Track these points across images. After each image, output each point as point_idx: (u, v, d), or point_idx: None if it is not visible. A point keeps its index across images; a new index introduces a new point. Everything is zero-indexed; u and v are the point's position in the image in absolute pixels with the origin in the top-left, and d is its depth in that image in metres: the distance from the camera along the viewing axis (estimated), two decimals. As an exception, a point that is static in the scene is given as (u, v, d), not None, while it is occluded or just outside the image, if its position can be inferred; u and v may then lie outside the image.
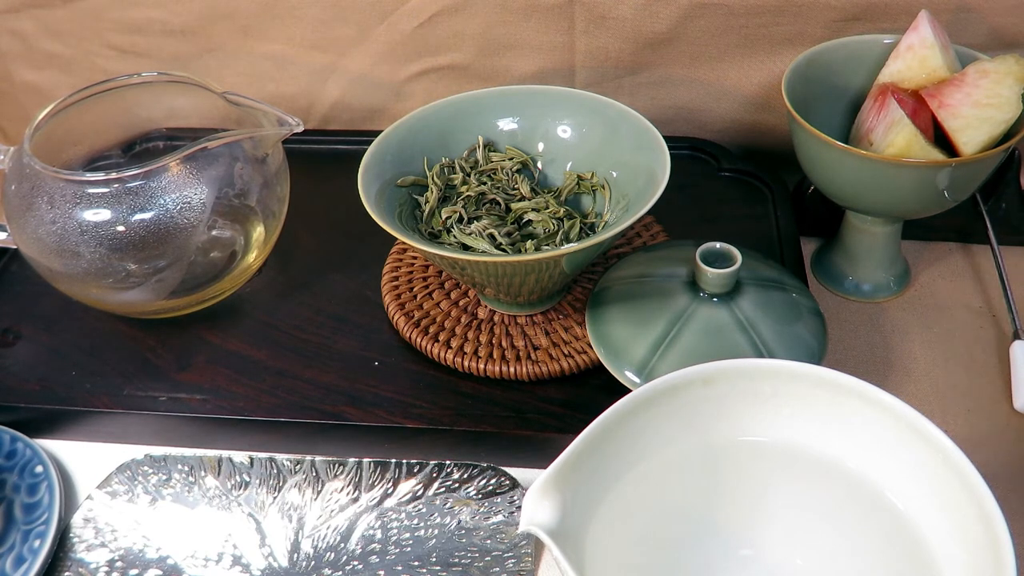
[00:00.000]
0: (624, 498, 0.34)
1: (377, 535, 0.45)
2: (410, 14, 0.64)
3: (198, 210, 0.50)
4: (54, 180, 0.48)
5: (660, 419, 0.34)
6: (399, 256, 0.57)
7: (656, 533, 0.36)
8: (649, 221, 0.58)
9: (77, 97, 0.53)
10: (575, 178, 0.52)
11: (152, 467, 0.49)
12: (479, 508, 0.46)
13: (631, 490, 0.35)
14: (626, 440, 0.34)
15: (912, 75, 0.50)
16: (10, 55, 0.72)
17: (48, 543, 0.45)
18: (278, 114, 0.51)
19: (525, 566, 0.43)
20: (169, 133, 0.59)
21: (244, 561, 0.45)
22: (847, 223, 0.56)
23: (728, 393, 0.35)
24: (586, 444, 0.32)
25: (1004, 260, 0.55)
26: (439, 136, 0.52)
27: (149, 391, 0.51)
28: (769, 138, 0.65)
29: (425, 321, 0.52)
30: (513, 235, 0.49)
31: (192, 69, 0.68)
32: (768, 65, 0.62)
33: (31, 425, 0.51)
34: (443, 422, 0.48)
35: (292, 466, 0.48)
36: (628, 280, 0.49)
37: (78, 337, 0.55)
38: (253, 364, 0.52)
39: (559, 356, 0.49)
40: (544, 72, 0.65)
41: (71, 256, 0.49)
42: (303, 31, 0.66)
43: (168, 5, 0.67)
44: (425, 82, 0.67)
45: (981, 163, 0.47)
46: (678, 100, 0.65)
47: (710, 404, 0.35)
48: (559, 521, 0.30)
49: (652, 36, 0.61)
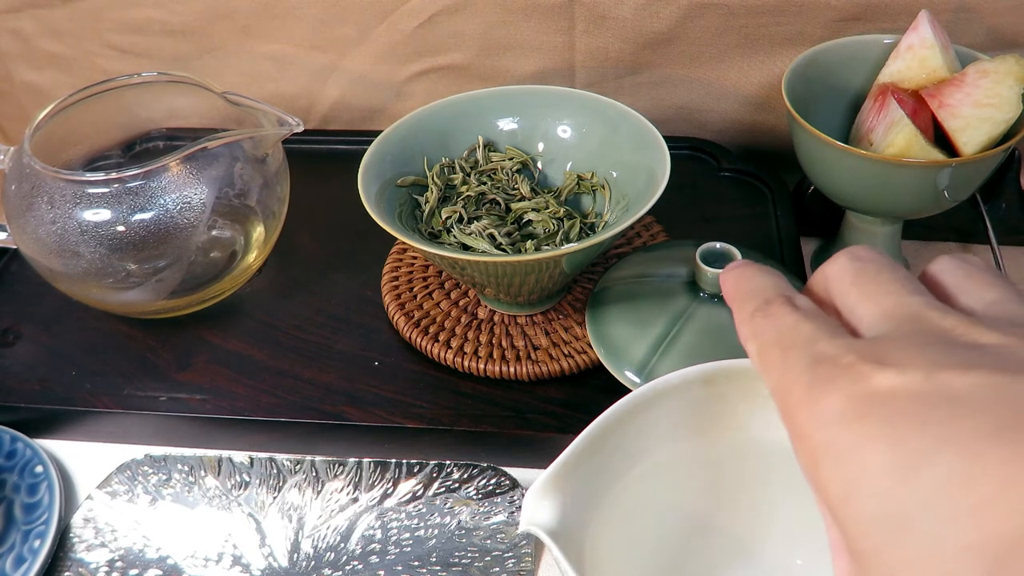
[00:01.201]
0: (624, 498, 0.34)
1: (377, 535, 0.45)
2: (410, 14, 0.64)
3: (198, 210, 0.50)
4: (54, 180, 0.48)
5: (660, 419, 0.34)
6: (399, 256, 0.57)
7: (656, 533, 0.36)
8: (649, 221, 0.58)
9: (77, 97, 0.53)
10: (575, 178, 0.52)
11: (152, 467, 0.49)
12: (479, 508, 0.46)
13: (631, 490, 0.35)
14: (626, 440, 0.34)
15: (912, 75, 0.50)
16: (10, 55, 0.72)
17: (48, 543, 0.45)
18: (278, 114, 0.51)
19: (525, 566, 0.43)
20: (169, 133, 0.59)
21: (244, 561, 0.45)
22: (847, 223, 0.56)
23: (728, 393, 0.35)
24: (586, 444, 0.32)
25: (1004, 260, 0.55)
26: (439, 136, 0.52)
27: (149, 391, 0.51)
28: (769, 138, 0.65)
29: (425, 321, 0.52)
30: (513, 235, 0.49)
31: (192, 69, 0.68)
32: (768, 65, 0.62)
33: (31, 425, 0.51)
34: (443, 422, 0.48)
35: (292, 466, 0.48)
36: (628, 280, 0.49)
37: (78, 337, 0.55)
38: (253, 364, 0.52)
39: (559, 356, 0.49)
40: (544, 72, 0.65)
41: (71, 256, 0.49)
42: (303, 31, 0.66)
43: (168, 5, 0.67)
44: (425, 82, 0.67)
45: (981, 163, 0.47)
46: (678, 100, 0.65)
47: (710, 404, 0.35)
48: (559, 521, 0.30)
49: (652, 36, 0.61)
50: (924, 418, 0.19)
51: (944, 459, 0.19)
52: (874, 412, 0.20)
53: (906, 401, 0.20)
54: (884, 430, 0.20)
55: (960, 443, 0.19)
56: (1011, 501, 0.17)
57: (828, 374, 0.22)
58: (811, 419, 0.21)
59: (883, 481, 0.19)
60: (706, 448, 0.36)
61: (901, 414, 0.20)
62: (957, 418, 0.19)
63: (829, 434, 0.21)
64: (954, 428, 0.19)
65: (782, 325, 0.24)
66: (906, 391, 0.20)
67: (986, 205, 0.57)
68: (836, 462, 0.21)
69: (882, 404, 0.20)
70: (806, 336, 0.23)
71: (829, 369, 0.22)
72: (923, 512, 0.19)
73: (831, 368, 0.22)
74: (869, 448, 0.20)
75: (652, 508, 0.36)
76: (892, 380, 0.20)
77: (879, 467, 0.19)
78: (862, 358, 0.21)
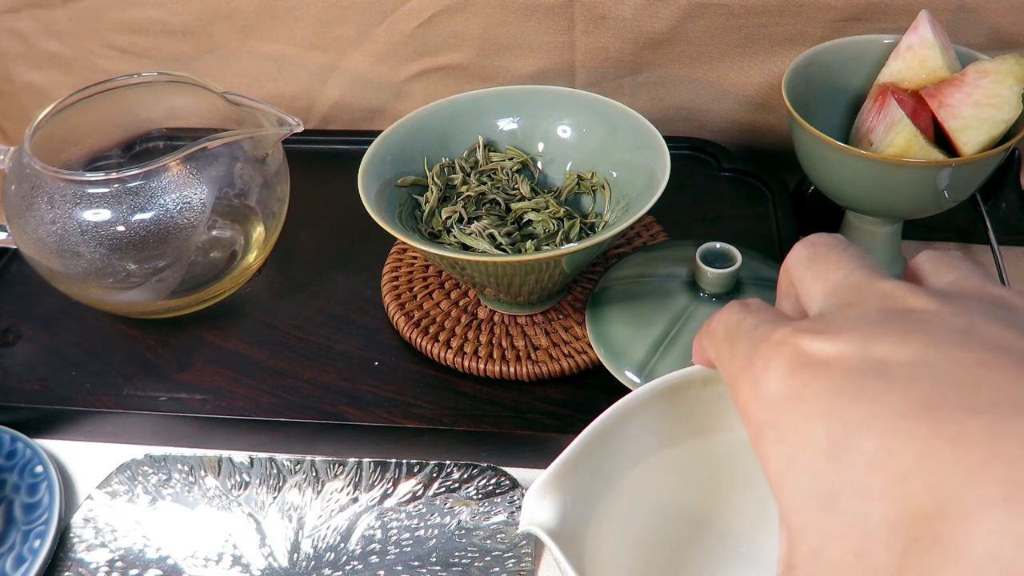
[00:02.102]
0: (624, 497, 0.34)
1: (377, 535, 0.45)
2: (410, 14, 0.64)
3: (198, 210, 0.50)
4: (54, 180, 0.48)
5: (660, 418, 0.34)
6: (399, 256, 0.57)
7: (657, 532, 0.36)
8: (649, 221, 0.58)
9: (77, 97, 0.53)
10: (575, 178, 0.52)
11: (152, 467, 0.49)
12: (479, 508, 0.46)
13: (631, 489, 0.35)
14: (626, 439, 0.34)
15: (912, 75, 0.50)
16: (10, 55, 0.72)
17: (48, 543, 0.45)
18: (278, 114, 0.51)
19: (525, 566, 0.43)
20: (169, 133, 0.59)
21: (244, 561, 0.45)
22: (847, 223, 0.56)
23: (727, 393, 0.35)
24: (586, 444, 0.32)
25: (1004, 260, 0.55)
26: (439, 136, 0.52)
27: (149, 391, 0.51)
28: (769, 138, 0.65)
29: (425, 321, 0.52)
30: (513, 235, 0.49)
31: (192, 69, 0.68)
32: (768, 65, 0.62)
33: (31, 425, 0.51)
34: (443, 422, 0.48)
35: (292, 466, 0.48)
36: (628, 280, 0.49)
37: (78, 337, 0.55)
38: (253, 364, 0.52)
39: (559, 356, 0.49)
40: (544, 72, 0.65)
41: (71, 256, 0.49)
42: (303, 31, 0.66)
43: (168, 5, 0.67)
44: (425, 82, 0.67)
45: (981, 163, 0.47)
46: (678, 100, 0.65)
47: (709, 403, 0.35)
48: (559, 521, 0.30)
49: (652, 36, 0.61)
50: (855, 394, 0.20)
51: (870, 436, 0.19)
52: (810, 389, 0.21)
53: (840, 375, 0.20)
54: (819, 407, 0.20)
55: (885, 419, 0.19)
56: (927, 476, 0.18)
57: (766, 354, 0.22)
58: (754, 400, 0.22)
59: (816, 459, 0.20)
60: (706, 447, 0.36)
61: (835, 391, 0.20)
62: (885, 393, 0.19)
63: (771, 414, 0.21)
64: (881, 404, 0.19)
65: (730, 322, 0.25)
66: (841, 363, 0.20)
67: (986, 205, 0.57)
68: (776, 440, 0.21)
69: (817, 378, 0.21)
70: (749, 326, 0.24)
71: (768, 349, 0.22)
72: (849, 489, 0.19)
73: (769, 347, 0.22)
74: (805, 426, 0.20)
75: (652, 507, 0.36)
76: (826, 349, 0.21)
77: (814, 445, 0.20)
78: (799, 332, 0.22)
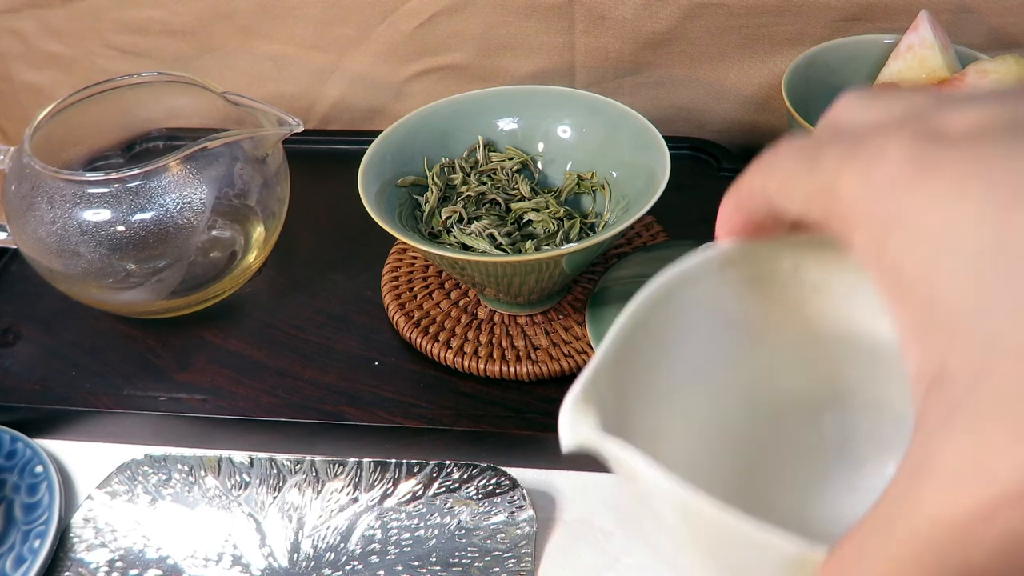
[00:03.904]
0: (677, 386, 0.31)
1: (377, 535, 0.45)
2: (410, 14, 0.64)
3: (198, 210, 0.50)
4: (54, 180, 0.48)
5: (685, 309, 0.31)
6: (399, 256, 0.57)
7: (707, 420, 0.33)
8: (649, 221, 0.58)
9: (77, 97, 0.53)
10: (575, 178, 0.52)
11: (152, 467, 0.49)
12: (479, 508, 0.46)
13: (683, 380, 0.31)
14: (656, 334, 0.31)
15: (912, 75, 0.50)
16: (10, 55, 0.72)
17: (48, 543, 0.45)
18: (278, 114, 0.51)
19: (525, 566, 0.43)
20: (169, 133, 0.59)
21: (244, 561, 0.45)
22: (847, 223, 0.56)
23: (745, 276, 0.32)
24: (617, 346, 0.29)
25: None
26: (439, 136, 0.53)
27: (149, 391, 0.51)
28: (769, 138, 0.64)
29: (425, 321, 0.52)
30: (513, 235, 0.49)
31: (192, 69, 0.68)
32: (768, 65, 0.62)
33: (31, 425, 0.51)
34: (443, 422, 0.48)
35: (292, 466, 0.48)
36: (628, 280, 0.49)
37: (78, 337, 0.55)
38: (253, 364, 0.52)
39: (559, 356, 0.49)
40: (544, 72, 0.65)
41: (71, 256, 0.49)
42: (303, 31, 0.66)
43: (168, 5, 0.67)
44: (425, 82, 0.67)
45: (981, 163, 0.47)
46: (678, 100, 0.65)
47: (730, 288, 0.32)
48: (606, 426, 0.27)
49: (652, 36, 0.61)
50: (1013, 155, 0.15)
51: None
52: (950, 155, 0.16)
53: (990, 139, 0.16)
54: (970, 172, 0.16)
55: None
56: None
57: (878, 140, 0.18)
58: (870, 192, 0.17)
59: (980, 231, 0.15)
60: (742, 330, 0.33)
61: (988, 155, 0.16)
62: None
63: (899, 200, 0.17)
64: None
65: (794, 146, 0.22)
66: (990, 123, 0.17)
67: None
68: (914, 224, 0.16)
69: (957, 145, 0.16)
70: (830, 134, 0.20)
71: (879, 135, 0.18)
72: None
73: (881, 134, 0.18)
74: (954, 199, 0.16)
75: (695, 398, 0.33)
76: (963, 117, 0.17)
77: (970, 216, 0.15)
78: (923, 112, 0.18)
